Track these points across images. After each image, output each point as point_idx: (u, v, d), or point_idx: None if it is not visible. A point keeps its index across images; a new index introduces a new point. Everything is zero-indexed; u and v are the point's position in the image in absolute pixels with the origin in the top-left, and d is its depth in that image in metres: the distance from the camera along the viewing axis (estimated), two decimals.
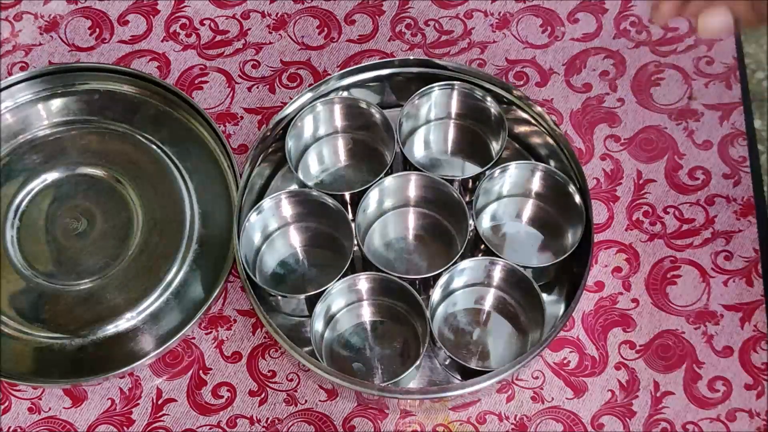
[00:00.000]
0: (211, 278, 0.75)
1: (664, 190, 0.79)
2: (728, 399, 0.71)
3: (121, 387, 0.73)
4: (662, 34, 0.85)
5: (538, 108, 0.76)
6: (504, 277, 0.73)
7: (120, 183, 0.79)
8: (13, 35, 0.87)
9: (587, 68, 0.84)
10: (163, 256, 0.76)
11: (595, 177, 0.79)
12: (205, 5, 0.88)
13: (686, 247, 0.76)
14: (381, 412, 0.72)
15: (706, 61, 0.83)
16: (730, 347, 0.73)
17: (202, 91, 0.84)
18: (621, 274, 0.76)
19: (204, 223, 0.78)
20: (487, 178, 0.74)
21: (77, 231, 0.77)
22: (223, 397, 0.73)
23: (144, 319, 0.75)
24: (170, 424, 0.72)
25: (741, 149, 0.80)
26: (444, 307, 0.74)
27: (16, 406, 0.73)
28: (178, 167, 0.80)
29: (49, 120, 0.82)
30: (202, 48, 0.86)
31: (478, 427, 0.71)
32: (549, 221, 0.77)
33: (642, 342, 0.73)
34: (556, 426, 0.71)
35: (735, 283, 0.75)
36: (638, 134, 0.81)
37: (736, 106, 0.82)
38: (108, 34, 0.87)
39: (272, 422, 0.72)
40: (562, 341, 0.73)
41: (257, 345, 0.74)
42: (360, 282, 0.72)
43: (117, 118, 0.82)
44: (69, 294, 0.75)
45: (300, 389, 0.73)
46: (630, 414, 0.71)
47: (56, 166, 0.80)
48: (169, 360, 0.74)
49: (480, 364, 0.71)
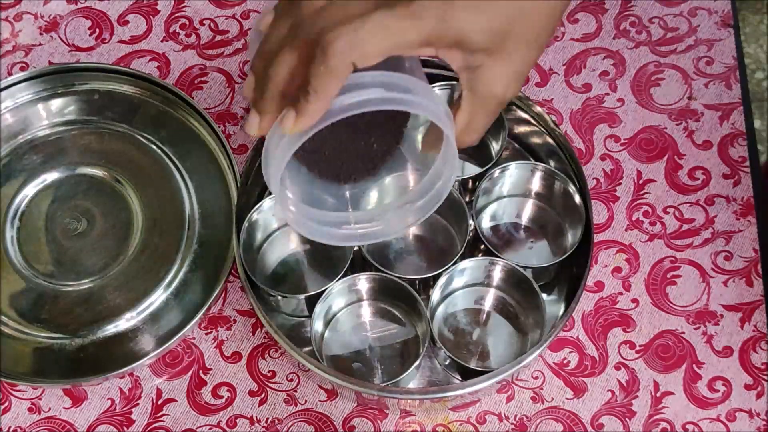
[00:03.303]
0: (211, 278, 0.75)
1: (664, 190, 0.79)
2: (728, 399, 0.71)
3: (121, 387, 0.73)
4: (662, 34, 0.85)
5: (538, 108, 0.76)
6: (504, 277, 0.73)
7: (120, 183, 0.79)
8: (13, 35, 0.87)
9: (587, 68, 0.84)
10: (163, 256, 0.76)
11: (595, 177, 0.79)
12: (205, 5, 0.88)
13: (686, 247, 0.76)
14: (381, 412, 0.72)
15: (706, 61, 0.83)
16: (730, 347, 0.73)
17: (202, 91, 0.84)
18: (621, 274, 0.76)
19: (204, 223, 0.78)
20: (487, 178, 0.74)
21: (77, 231, 0.77)
22: (223, 397, 0.73)
23: (144, 319, 0.75)
24: (170, 424, 0.72)
25: (741, 149, 0.80)
26: (444, 307, 0.74)
27: (16, 406, 0.73)
28: (178, 167, 0.80)
29: (49, 120, 0.82)
30: (202, 48, 0.86)
31: (478, 427, 0.71)
32: (549, 221, 0.77)
33: (642, 342, 0.73)
34: (556, 426, 0.71)
35: (735, 283, 0.75)
36: (638, 134, 0.81)
37: (736, 106, 0.82)
38: (108, 34, 0.87)
39: (272, 422, 0.72)
40: (562, 341, 0.74)
41: (257, 345, 0.74)
42: (360, 282, 0.72)
43: (117, 118, 0.82)
44: (69, 294, 0.75)
45: (300, 389, 0.73)
46: (630, 414, 0.71)
47: (56, 166, 0.80)
48: (169, 360, 0.74)
49: (480, 365, 0.71)
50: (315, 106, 0.50)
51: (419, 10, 0.49)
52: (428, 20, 0.49)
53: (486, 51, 0.52)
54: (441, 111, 0.54)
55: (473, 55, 0.52)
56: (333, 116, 0.51)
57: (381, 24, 0.49)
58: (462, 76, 0.54)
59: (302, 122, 0.51)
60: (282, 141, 0.53)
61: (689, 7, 0.86)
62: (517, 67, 0.53)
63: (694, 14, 0.85)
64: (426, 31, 0.50)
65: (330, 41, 0.48)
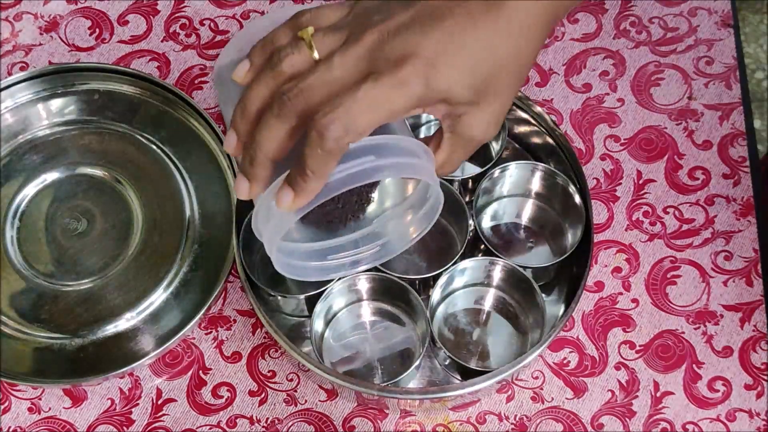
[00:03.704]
0: (211, 278, 0.75)
1: (664, 190, 0.79)
2: (728, 399, 0.71)
3: (120, 387, 0.73)
4: (662, 34, 0.85)
5: (538, 108, 0.76)
6: (504, 277, 0.73)
7: (120, 183, 0.79)
8: (13, 35, 0.87)
9: (587, 68, 0.84)
10: (163, 256, 0.76)
11: (595, 177, 0.79)
12: (205, 5, 0.88)
13: (686, 247, 0.76)
14: (381, 412, 0.72)
15: (706, 61, 0.83)
16: (730, 347, 0.73)
17: (202, 91, 0.84)
18: (621, 274, 0.76)
19: (204, 223, 0.78)
20: (487, 178, 0.74)
21: (77, 231, 0.77)
22: (223, 397, 0.73)
23: (144, 319, 0.75)
24: (170, 424, 0.72)
25: (741, 149, 0.80)
26: (444, 307, 0.74)
27: (16, 406, 0.73)
28: (178, 167, 0.80)
29: (49, 120, 0.82)
30: (202, 48, 0.86)
31: (478, 427, 0.71)
32: (549, 221, 0.77)
33: (642, 342, 0.73)
34: (556, 426, 0.71)
35: (735, 283, 0.75)
36: (638, 134, 0.81)
37: (736, 106, 0.82)
38: (108, 34, 0.87)
39: (272, 422, 0.72)
40: (562, 341, 0.74)
41: (257, 345, 0.74)
42: (360, 282, 0.72)
43: (117, 118, 0.82)
44: (69, 294, 0.75)
45: (300, 389, 0.73)
46: (630, 414, 0.71)
47: (56, 166, 0.80)
48: (168, 360, 0.74)
49: (480, 364, 0.71)
50: (313, 185, 0.51)
51: (405, 77, 0.50)
52: (415, 87, 0.50)
53: (469, 103, 0.53)
54: (432, 170, 0.56)
55: (456, 107, 0.53)
56: (330, 192, 0.52)
57: (371, 99, 0.50)
58: (444, 123, 0.55)
59: (300, 201, 0.52)
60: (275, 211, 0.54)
61: (689, 7, 0.86)
62: (497, 111, 0.55)
63: (694, 14, 0.85)
64: (415, 97, 0.51)
65: (325, 126, 0.49)
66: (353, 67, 0.51)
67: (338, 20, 0.54)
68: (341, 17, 0.54)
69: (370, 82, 0.50)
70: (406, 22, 0.51)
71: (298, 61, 0.52)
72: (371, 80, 0.50)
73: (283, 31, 0.55)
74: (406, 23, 0.51)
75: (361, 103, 0.49)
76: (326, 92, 0.51)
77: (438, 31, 0.51)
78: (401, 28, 0.51)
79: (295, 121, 0.51)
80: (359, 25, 0.52)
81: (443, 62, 0.51)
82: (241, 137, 0.54)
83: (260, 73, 0.53)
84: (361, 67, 0.51)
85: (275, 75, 0.53)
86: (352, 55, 0.51)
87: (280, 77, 0.52)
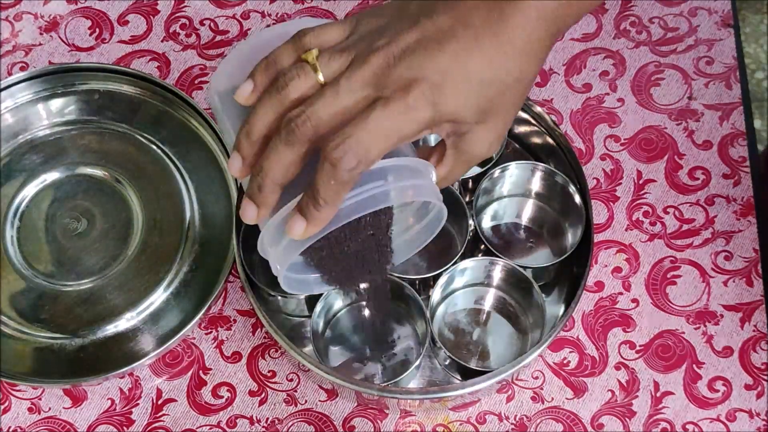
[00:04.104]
0: (211, 278, 0.75)
1: (664, 190, 0.79)
2: (728, 399, 0.71)
3: (121, 387, 0.73)
4: (662, 34, 0.85)
5: (538, 108, 0.76)
6: (504, 277, 0.73)
7: (120, 183, 0.79)
8: (13, 35, 0.87)
9: (587, 68, 0.84)
10: (163, 256, 0.76)
11: (595, 177, 0.79)
12: (205, 5, 0.88)
13: (686, 247, 0.76)
14: (381, 412, 0.72)
15: (706, 61, 0.83)
16: (730, 347, 0.73)
17: (202, 91, 0.84)
18: (621, 274, 0.76)
19: (204, 223, 0.78)
20: (487, 178, 0.74)
21: (77, 231, 0.77)
22: (223, 397, 0.73)
23: (144, 319, 0.75)
24: (170, 424, 0.72)
25: (741, 149, 0.80)
26: (444, 307, 0.74)
27: (16, 406, 0.73)
28: (178, 167, 0.80)
29: (49, 120, 0.82)
30: (202, 48, 0.86)
31: (478, 427, 0.71)
32: (549, 221, 0.77)
33: (642, 342, 0.73)
34: (556, 426, 0.71)
35: (735, 283, 0.75)
36: (638, 134, 0.81)
37: (736, 106, 0.82)
38: (108, 34, 0.87)
39: (272, 422, 0.72)
40: (562, 341, 0.74)
41: (257, 345, 0.74)
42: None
43: (117, 118, 0.82)
44: (69, 294, 0.75)
45: (300, 389, 0.73)
46: (630, 414, 0.71)
47: (56, 166, 0.80)
48: (169, 360, 0.74)
49: (480, 364, 0.71)
50: (325, 214, 0.51)
51: (413, 103, 0.50)
52: (424, 112, 0.51)
53: (474, 122, 0.53)
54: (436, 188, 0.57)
55: (461, 126, 0.54)
56: (342, 220, 0.52)
57: (381, 127, 0.50)
58: (448, 140, 0.55)
59: (312, 229, 0.52)
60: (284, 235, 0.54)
61: (689, 7, 0.86)
62: (500, 129, 0.55)
63: (694, 14, 0.85)
64: (423, 122, 0.51)
65: (339, 158, 0.49)
66: (360, 92, 0.51)
67: (341, 40, 0.54)
68: (344, 37, 0.54)
69: (378, 109, 0.50)
70: (411, 45, 0.51)
71: (304, 85, 0.52)
72: (380, 107, 0.50)
73: (287, 52, 0.54)
74: (412, 47, 0.51)
75: (373, 134, 0.49)
76: (335, 119, 0.50)
77: (443, 54, 0.50)
78: (407, 51, 0.51)
79: (304, 147, 0.51)
80: (364, 47, 0.52)
81: (450, 86, 0.51)
82: (246, 161, 0.53)
83: (265, 96, 0.53)
84: (368, 91, 0.51)
85: (281, 99, 0.52)
86: (358, 79, 0.51)
87: (286, 101, 0.52)
